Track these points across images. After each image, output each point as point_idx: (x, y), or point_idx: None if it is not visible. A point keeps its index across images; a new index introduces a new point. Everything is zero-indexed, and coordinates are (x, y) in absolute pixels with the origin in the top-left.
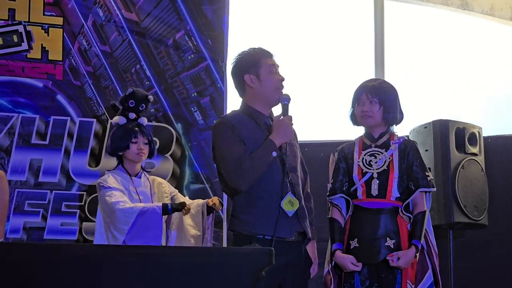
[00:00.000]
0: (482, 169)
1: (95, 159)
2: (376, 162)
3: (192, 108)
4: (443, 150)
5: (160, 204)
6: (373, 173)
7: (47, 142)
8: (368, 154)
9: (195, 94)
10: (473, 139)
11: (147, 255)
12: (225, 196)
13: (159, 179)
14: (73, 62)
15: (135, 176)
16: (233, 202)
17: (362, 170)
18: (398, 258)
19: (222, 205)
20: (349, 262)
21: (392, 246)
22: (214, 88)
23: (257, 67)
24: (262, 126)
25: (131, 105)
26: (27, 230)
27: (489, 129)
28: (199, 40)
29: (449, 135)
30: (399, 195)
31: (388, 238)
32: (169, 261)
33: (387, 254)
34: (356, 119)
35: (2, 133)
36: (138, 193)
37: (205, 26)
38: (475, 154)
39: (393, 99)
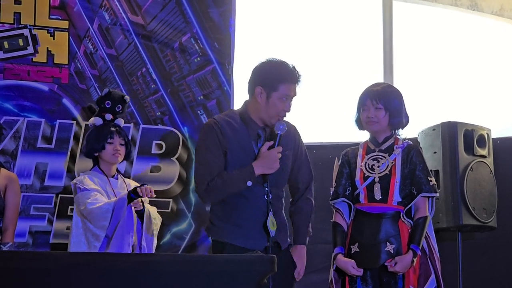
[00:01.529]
0: (491, 171)
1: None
2: (378, 167)
3: (199, 111)
4: (451, 152)
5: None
6: (374, 177)
7: (52, 146)
8: (372, 158)
9: (202, 97)
10: (481, 141)
11: (148, 263)
12: None
13: (134, 183)
14: (79, 66)
15: (112, 177)
16: (212, 207)
17: (364, 174)
18: (396, 263)
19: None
20: (350, 266)
21: (392, 251)
22: (220, 91)
23: (272, 89)
24: (253, 136)
25: (107, 106)
26: (33, 234)
27: (498, 131)
28: (205, 43)
29: (457, 137)
30: (400, 200)
31: (388, 243)
32: (171, 269)
33: (387, 259)
34: (361, 124)
35: (8, 137)
36: (115, 194)
37: (211, 29)
38: (484, 156)
39: (398, 103)
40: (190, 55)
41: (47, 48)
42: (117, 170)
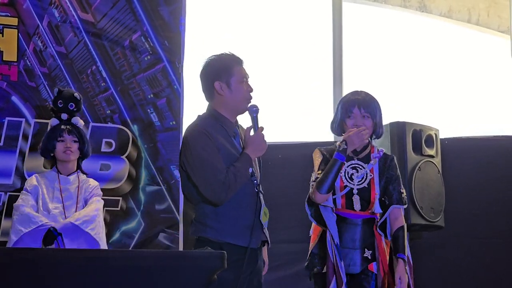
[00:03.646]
0: (439, 171)
1: (50, 160)
2: (357, 177)
3: (149, 110)
4: (400, 152)
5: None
6: (353, 189)
7: (1, 143)
8: (351, 166)
9: (152, 95)
10: (430, 141)
11: (97, 258)
12: (181, 199)
13: (92, 182)
14: (28, 63)
15: (67, 176)
16: (199, 208)
17: (344, 183)
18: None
19: None
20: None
21: (369, 257)
22: (170, 89)
23: (229, 75)
24: (231, 134)
25: (60, 106)
26: None
27: (445, 131)
28: (155, 41)
29: (406, 137)
30: (381, 211)
31: (366, 249)
32: (121, 264)
33: (365, 265)
34: (343, 131)
35: None
36: (61, 190)
37: (161, 27)
38: (431, 156)
39: (380, 112)
40: (140, 53)
41: None
42: (80, 168)
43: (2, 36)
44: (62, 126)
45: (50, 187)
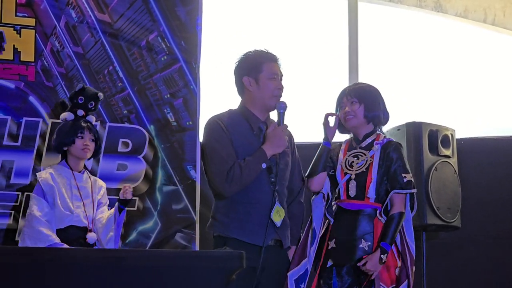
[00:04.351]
0: (455, 171)
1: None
2: (357, 164)
3: (165, 110)
4: (416, 152)
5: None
6: (351, 175)
7: (19, 143)
8: (352, 155)
9: (168, 95)
10: (446, 141)
11: (114, 258)
12: (197, 199)
13: (101, 182)
14: (46, 64)
15: (78, 172)
16: (215, 203)
17: (343, 171)
18: (365, 262)
19: (128, 192)
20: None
21: (366, 248)
22: (187, 89)
23: (258, 71)
24: (255, 130)
25: (80, 102)
26: None
27: (462, 132)
28: (172, 41)
29: (422, 137)
30: (375, 197)
31: (363, 240)
32: (138, 264)
33: (362, 256)
34: (342, 126)
35: None
36: (79, 188)
37: (178, 28)
38: (448, 156)
39: (374, 96)
40: (157, 53)
41: (14, 45)
42: (84, 166)
43: (20, 36)
44: (83, 123)
45: (68, 185)
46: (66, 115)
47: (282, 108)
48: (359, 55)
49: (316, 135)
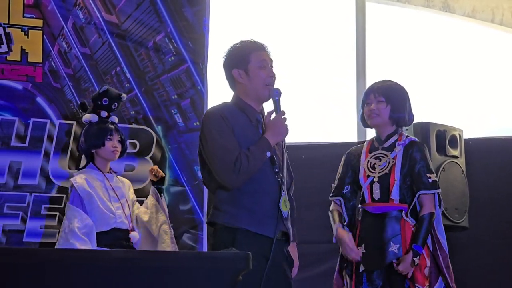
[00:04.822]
0: (463, 171)
1: (75, 161)
2: (379, 166)
3: (173, 111)
4: None
5: None
6: (374, 177)
7: (26, 144)
8: (374, 157)
9: (176, 96)
10: (453, 142)
11: (121, 259)
12: (205, 200)
13: (127, 182)
14: (53, 64)
15: (107, 173)
16: (217, 195)
17: (366, 173)
18: (399, 263)
19: (158, 170)
20: (347, 238)
21: (396, 251)
22: (194, 90)
23: (246, 62)
24: (253, 121)
25: (104, 103)
26: (6, 233)
27: (469, 132)
28: (179, 42)
29: (430, 137)
30: (399, 198)
31: (392, 243)
32: (145, 265)
33: (392, 259)
34: (365, 121)
35: None
36: (114, 189)
37: (185, 29)
38: (455, 157)
39: (402, 98)
40: (164, 54)
41: (21, 46)
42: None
43: (27, 37)
44: (110, 125)
45: (103, 187)
46: (90, 117)
47: (277, 95)
48: (366, 55)
49: (323, 135)
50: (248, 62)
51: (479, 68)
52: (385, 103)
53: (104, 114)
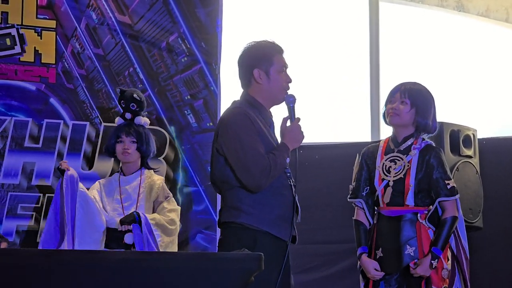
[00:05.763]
0: (477, 171)
1: (89, 162)
2: (394, 169)
3: (186, 111)
4: None
5: None
6: (389, 181)
7: (40, 145)
8: (389, 159)
9: (189, 97)
10: (467, 142)
11: (131, 260)
12: (218, 200)
13: (157, 179)
14: (66, 65)
15: (130, 174)
16: (231, 194)
17: (381, 176)
18: (416, 266)
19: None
20: (372, 267)
21: (412, 254)
22: (207, 91)
23: (269, 63)
24: (268, 123)
25: (123, 106)
26: (20, 234)
27: (484, 131)
28: (192, 43)
29: (443, 137)
30: (413, 204)
31: (408, 246)
32: (157, 265)
33: (409, 262)
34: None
35: None
36: (120, 192)
37: (198, 29)
38: (469, 157)
39: (427, 103)
40: (177, 55)
41: (35, 47)
42: (146, 164)
43: (41, 38)
44: (123, 128)
45: (111, 190)
46: (117, 120)
47: (291, 102)
48: (380, 55)
49: (336, 135)
50: (271, 64)
51: (493, 68)
52: (409, 105)
53: (128, 116)
